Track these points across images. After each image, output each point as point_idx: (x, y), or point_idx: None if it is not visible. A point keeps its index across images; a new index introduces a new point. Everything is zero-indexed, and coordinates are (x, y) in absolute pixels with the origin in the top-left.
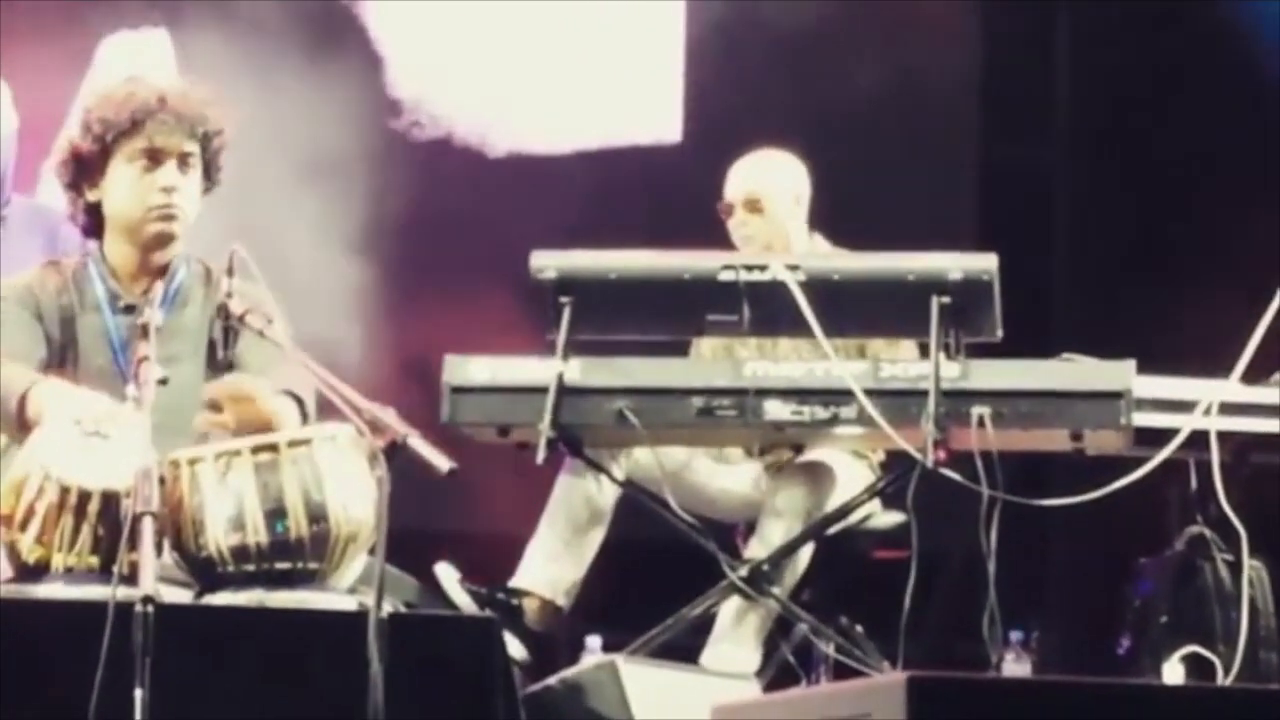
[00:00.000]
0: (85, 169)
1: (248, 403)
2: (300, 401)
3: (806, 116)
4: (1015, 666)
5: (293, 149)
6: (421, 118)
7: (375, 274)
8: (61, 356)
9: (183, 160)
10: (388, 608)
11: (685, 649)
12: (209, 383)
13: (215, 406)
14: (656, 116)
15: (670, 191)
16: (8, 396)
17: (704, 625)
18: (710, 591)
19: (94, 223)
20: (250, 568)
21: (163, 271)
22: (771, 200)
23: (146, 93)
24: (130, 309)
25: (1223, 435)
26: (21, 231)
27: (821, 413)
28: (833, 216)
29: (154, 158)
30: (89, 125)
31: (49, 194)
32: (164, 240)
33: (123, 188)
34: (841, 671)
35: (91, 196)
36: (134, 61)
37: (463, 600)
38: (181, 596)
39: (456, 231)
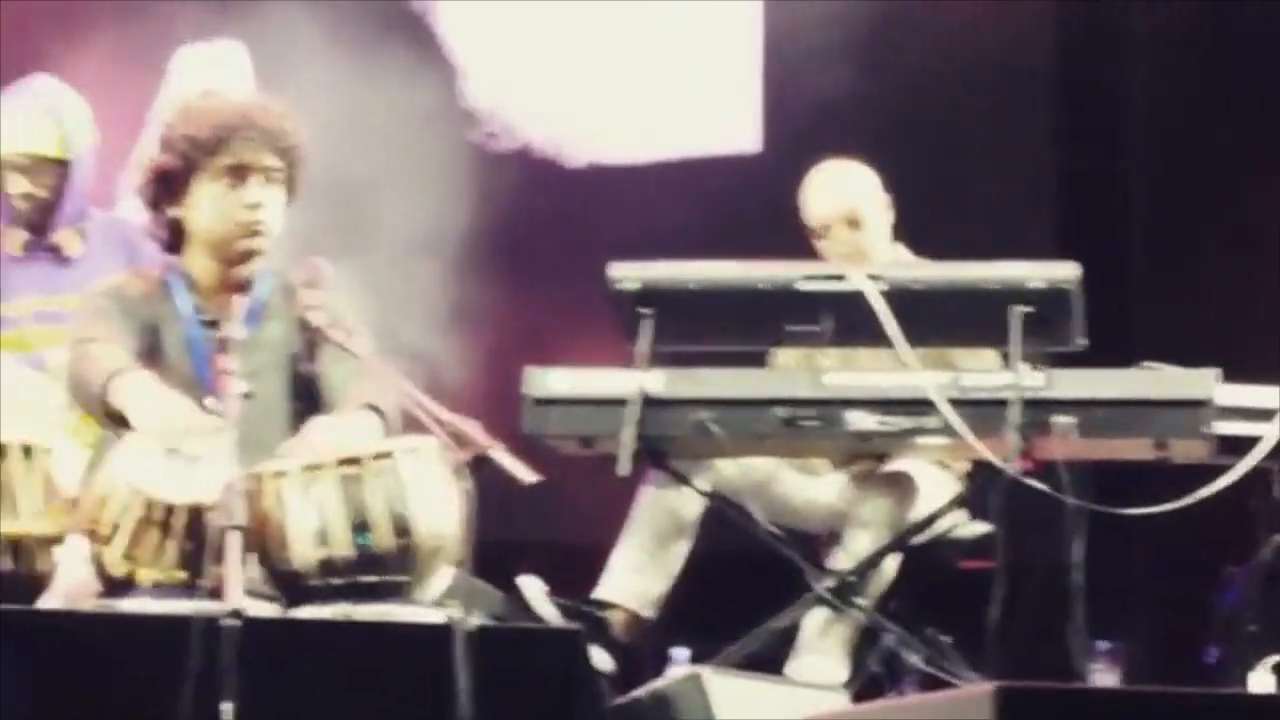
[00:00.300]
0: (169, 186)
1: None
2: (381, 414)
3: (883, 122)
4: (1103, 676)
5: (369, 160)
6: (498, 129)
7: (454, 286)
8: (148, 363)
9: (267, 175)
10: (474, 621)
11: (771, 660)
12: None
13: None
14: (735, 126)
15: (750, 201)
16: (96, 375)
17: (790, 636)
18: (796, 603)
19: (175, 238)
20: (336, 581)
21: (244, 286)
22: (867, 214)
23: (229, 109)
24: (213, 323)
25: None
26: (102, 246)
27: (905, 422)
28: (911, 225)
29: (239, 174)
30: (172, 142)
31: (128, 208)
32: (250, 256)
33: (208, 204)
34: (929, 682)
35: (173, 213)
36: (209, 73)
37: (548, 612)
38: (268, 610)
39: (534, 243)
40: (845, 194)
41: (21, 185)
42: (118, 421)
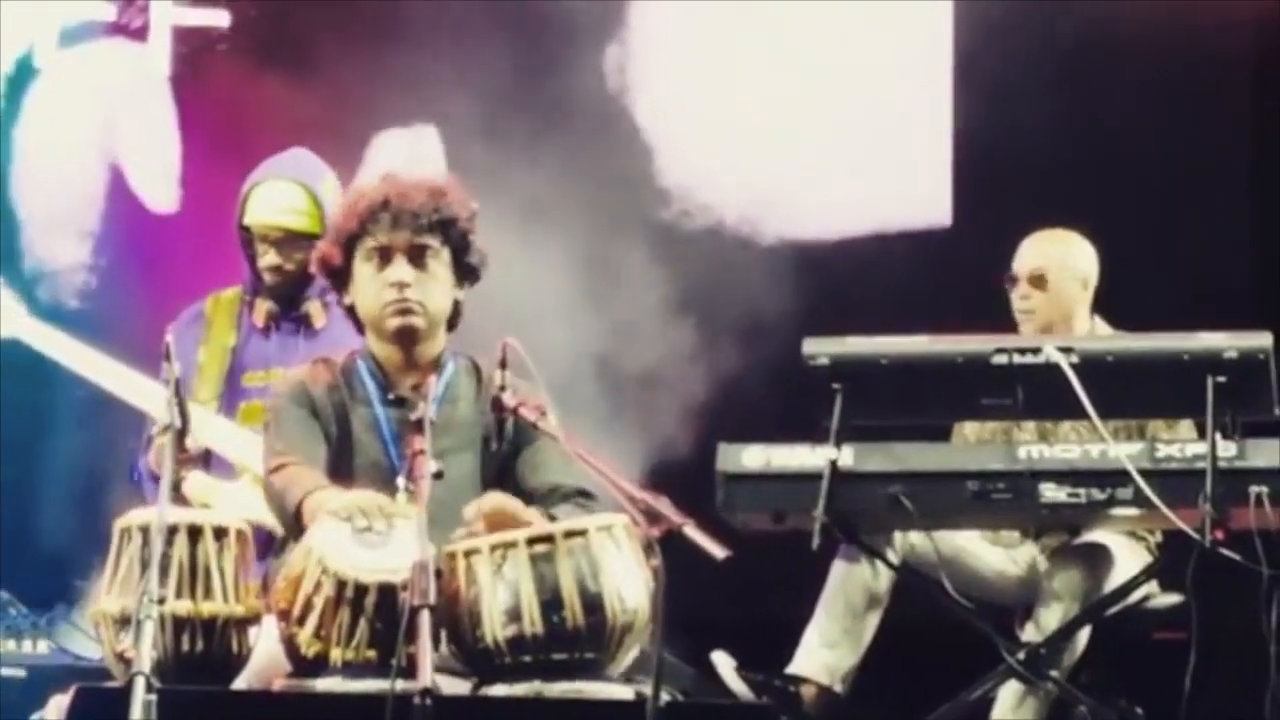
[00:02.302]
0: (334, 274)
1: (506, 519)
2: (589, 497)
3: (1072, 189)
4: None
5: (563, 240)
6: (691, 207)
7: (649, 362)
8: (339, 450)
9: (416, 253)
10: (666, 697)
11: None
12: (470, 505)
13: (475, 527)
14: (925, 200)
15: (940, 275)
16: (290, 502)
17: (983, 709)
18: (988, 675)
19: (357, 322)
20: (527, 658)
21: (429, 366)
22: (1057, 277)
23: (375, 192)
24: (400, 402)
25: None
26: (344, 319)
27: (1098, 494)
28: (1107, 285)
29: (384, 255)
30: (330, 233)
31: None
32: (405, 334)
33: (362, 287)
34: None
35: (347, 299)
36: (403, 158)
37: (740, 688)
38: (459, 688)
39: (726, 319)
40: (1039, 254)
41: (271, 258)
42: None
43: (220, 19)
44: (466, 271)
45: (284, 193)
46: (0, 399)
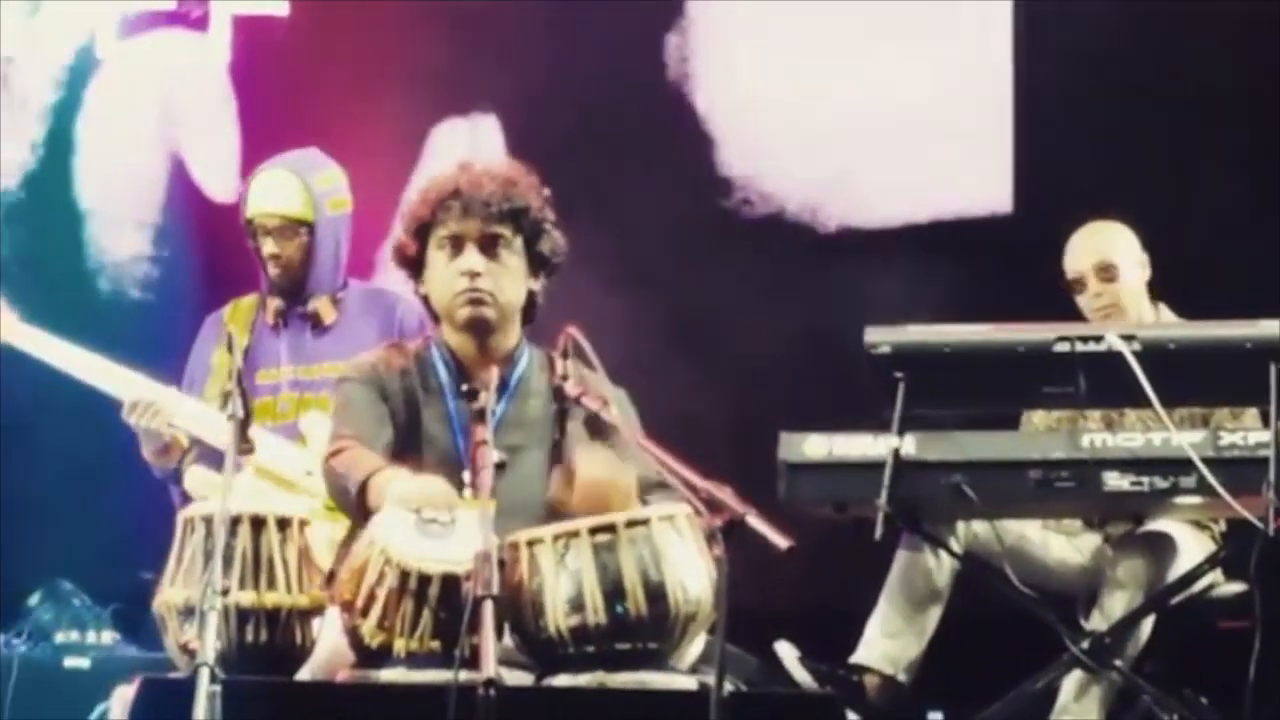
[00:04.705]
0: (409, 263)
1: (603, 487)
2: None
3: (1132, 180)
4: None
5: (624, 229)
6: (751, 195)
7: (708, 350)
8: (406, 438)
9: (488, 242)
10: (729, 687)
11: None
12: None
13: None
14: (986, 187)
15: (1001, 262)
16: (352, 483)
17: (1046, 699)
18: (1052, 664)
19: (433, 313)
20: (590, 649)
21: (504, 358)
22: (1125, 265)
23: (446, 180)
24: (470, 394)
25: None
26: (359, 316)
27: (1161, 483)
28: (1164, 280)
29: (456, 244)
30: (404, 221)
31: (385, 279)
32: (477, 324)
33: (435, 277)
34: None
35: (421, 289)
36: (464, 148)
37: (803, 678)
38: (522, 679)
39: (786, 308)
40: (1099, 247)
41: (270, 247)
42: None
43: (280, 8)
44: (540, 262)
45: (276, 181)
46: (59, 393)
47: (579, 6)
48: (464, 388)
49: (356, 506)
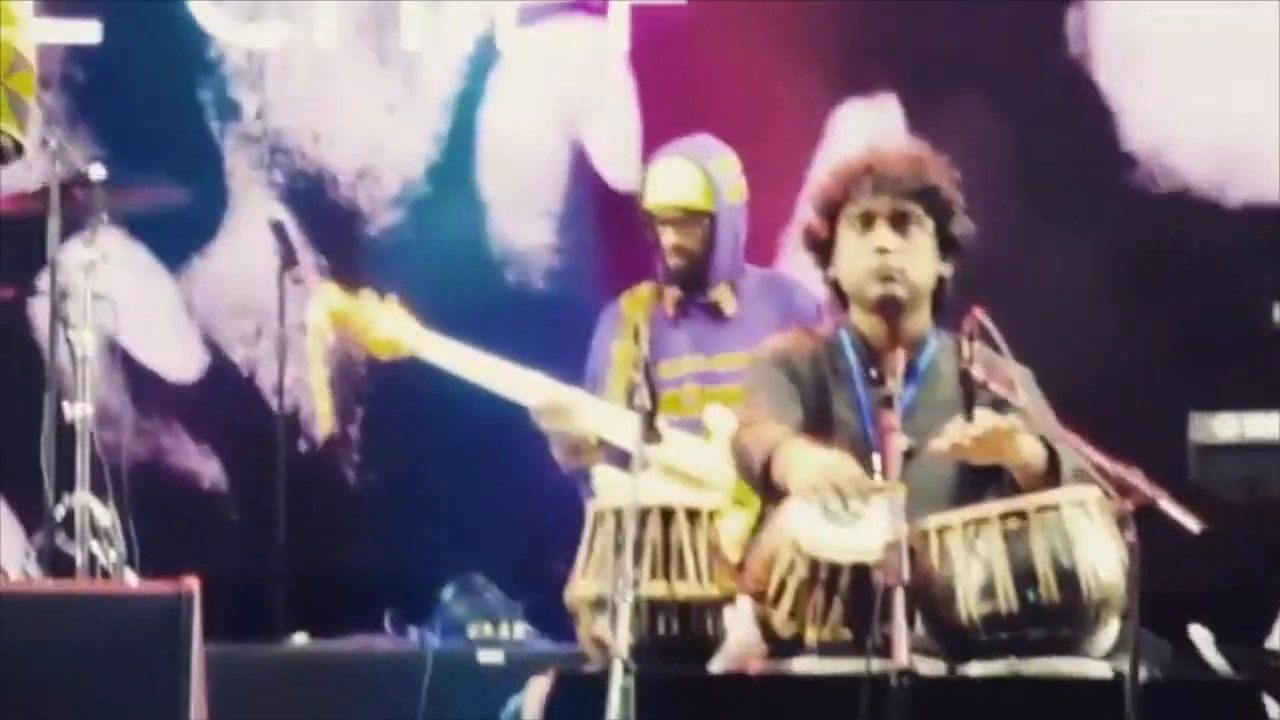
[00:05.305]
0: (818, 246)
1: (1001, 437)
2: (1052, 452)
3: None
4: None
5: (1027, 204)
6: (1156, 170)
7: (1113, 329)
8: (816, 422)
9: (899, 220)
10: (1143, 673)
11: None
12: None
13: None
14: None
15: None
16: (758, 455)
17: None
18: None
19: (840, 297)
20: (1003, 636)
21: (913, 343)
22: None
23: (857, 160)
24: (879, 381)
25: None
26: (759, 304)
27: None
28: None
29: (866, 221)
30: (814, 201)
31: (785, 264)
32: (888, 304)
33: (845, 256)
34: None
35: (830, 273)
36: (865, 130)
37: (1219, 663)
38: (934, 668)
39: (1193, 284)
40: None
41: (670, 237)
42: (780, 498)
43: None
44: (950, 245)
45: (676, 170)
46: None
47: None
48: (873, 373)
49: (762, 478)
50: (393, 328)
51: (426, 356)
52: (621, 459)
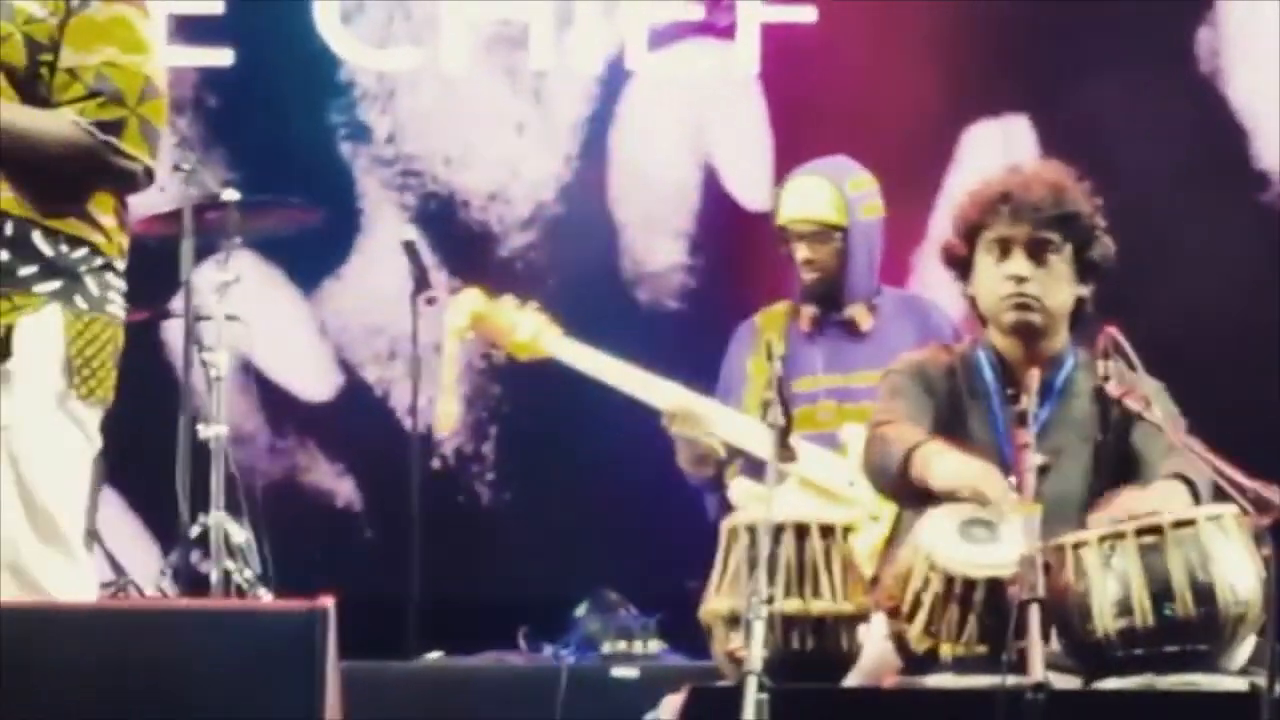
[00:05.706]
0: (957, 264)
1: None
2: (1191, 484)
3: None
4: None
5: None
6: None
7: (1246, 346)
8: (947, 436)
9: (1035, 248)
10: (1279, 689)
11: None
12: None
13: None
14: None
15: None
16: (894, 452)
17: None
18: None
19: (979, 315)
20: (1139, 651)
21: (1050, 362)
22: None
23: (996, 184)
24: (1014, 399)
25: None
26: (894, 322)
27: None
28: None
29: (1004, 248)
30: (954, 223)
31: (917, 284)
32: (1022, 329)
33: (982, 280)
34: None
35: (969, 291)
36: (996, 151)
37: None
38: (1070, 683)
39: None
40: None
41: (804, 253)
42: (918, 499)
43: (807, 14)
44: (1089, 268)
45: (809, 187)
46: (601, 404)
47: (1105, 6)
48: (1010, 392)
49: (898, 477)
50: (534, 330)
51: (565, 359)
52: (754, 470)
